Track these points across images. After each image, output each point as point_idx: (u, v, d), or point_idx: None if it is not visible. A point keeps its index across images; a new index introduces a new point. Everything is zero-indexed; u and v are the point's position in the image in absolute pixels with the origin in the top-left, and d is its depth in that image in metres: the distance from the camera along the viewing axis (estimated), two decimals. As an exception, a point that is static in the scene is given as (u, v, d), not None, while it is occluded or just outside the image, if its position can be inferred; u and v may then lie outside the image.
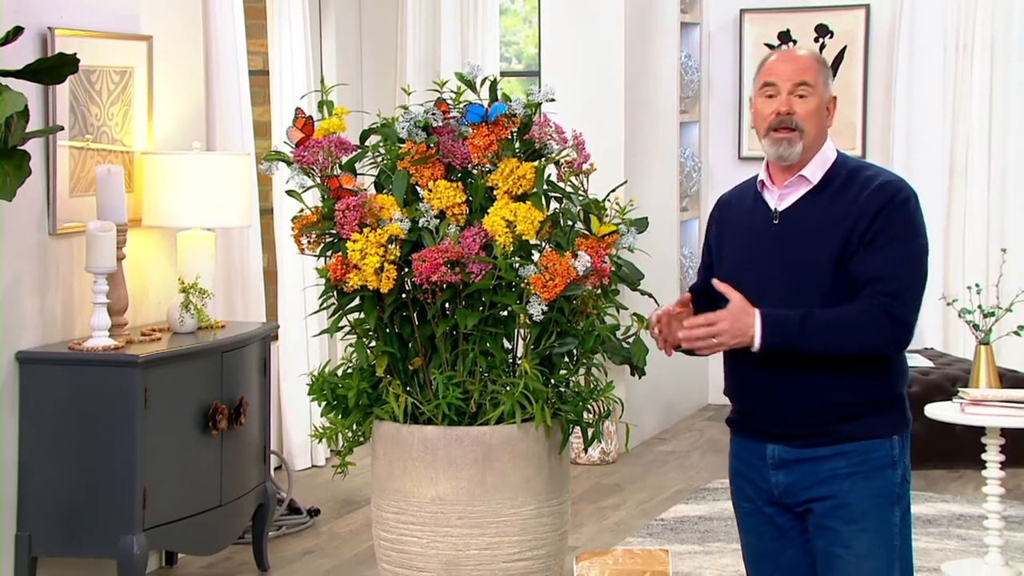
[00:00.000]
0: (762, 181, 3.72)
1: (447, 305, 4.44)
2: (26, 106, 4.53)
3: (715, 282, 3.60)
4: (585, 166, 4.52)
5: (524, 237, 4.38)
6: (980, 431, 5.91)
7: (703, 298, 3.76)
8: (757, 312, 3.52)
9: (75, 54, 4.72)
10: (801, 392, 3.62)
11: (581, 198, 4.53)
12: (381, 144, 4.61)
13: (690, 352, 3.65)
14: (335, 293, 4.49)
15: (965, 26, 8.76)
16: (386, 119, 4.62)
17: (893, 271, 3.54)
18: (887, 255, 3.55)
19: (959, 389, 6.14)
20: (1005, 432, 5.88)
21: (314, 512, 6.90)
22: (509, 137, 4.46)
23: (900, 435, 3.68)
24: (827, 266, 3.58)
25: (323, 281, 4.49)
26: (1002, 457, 5.87)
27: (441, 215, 4.43)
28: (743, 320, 3.52)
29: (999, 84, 8.74)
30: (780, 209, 3.66)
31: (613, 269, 4.48)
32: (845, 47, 9.18)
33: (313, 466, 7.87)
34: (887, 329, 3.54)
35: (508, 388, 4.45)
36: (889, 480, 3.65)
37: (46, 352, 5.39)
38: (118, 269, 5.58)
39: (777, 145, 3.62)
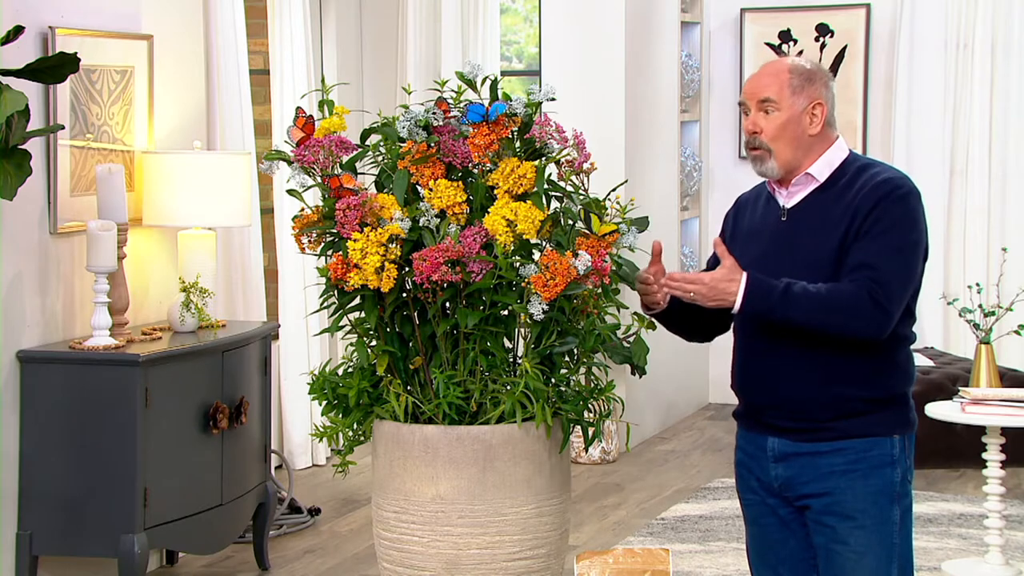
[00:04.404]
0: (770, 180, 3.78)
1: (448, 304, 4.44)
2: (27, 105, 4.54)
3: (716, 240, 3.69)
4: (586, 165, 4.51)
5: (525, 236, 4.38)
6: (981, 430, 5.92)
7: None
8: (744, 277, 3.57)
9: (76, 53, 4.72)
10: (803, 387, 3.66)
11: (582, 197, 4.52)
12: (382, 143, 4.61)
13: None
14: (336, 292, 4.48)
15: (966, 25, 8.76)
16: (387, 118, 4.61)
17: (882, 260, 3.56)
18: (878, 244, 3.58)
19: (960, 388, 6.14)
20: (1005, 431, 5.89)
21: (315, 511, 6.90)
22: (510, 136, 4.46)
23: (901, 435, 3.70)
24: (828, 261, 3.62)
25: (324, 280, 4.49)
26: (1002, 456, 5.88)
27: (442, 214, 4.43)
28: (725, 286, 3.58)
29: (1000, 83, 8.74)
30: (788, 207, 3.72)
31: (614, 268, 4.48)
32: (846, 46, 9.18)
33: (314, 465, 7.88)
34: (868, 312, 3.54)
35: (509, 387, 4.45)
36: (888, 478, 3.67)
37: (47, 351, 5.39)
38: (119, 268, 5.58)
39: (754, 163, 3.73)
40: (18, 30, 4.67)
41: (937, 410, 6.04)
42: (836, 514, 3.66)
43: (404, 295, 4.46)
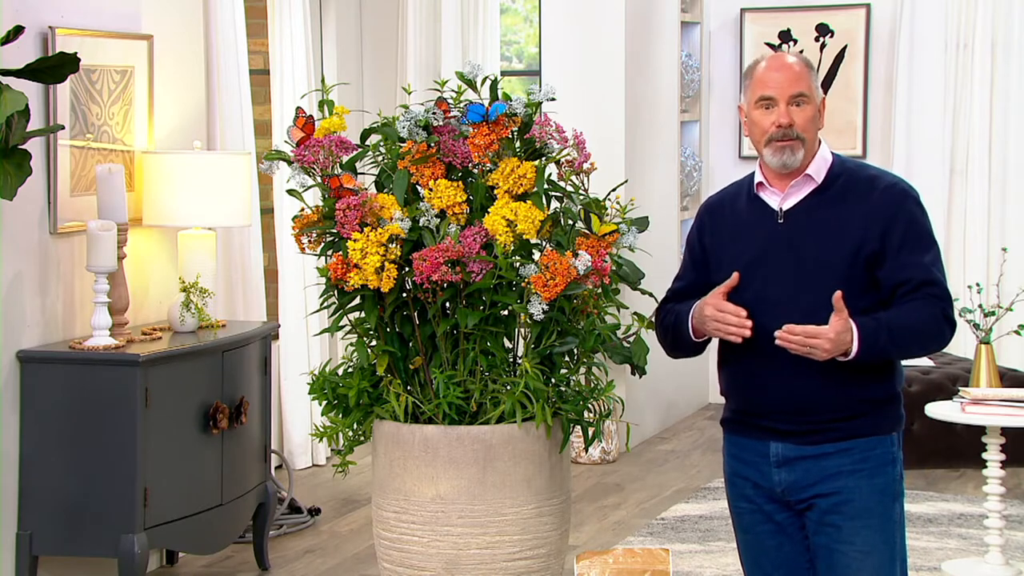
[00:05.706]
0: (760, 182, 3.75)
1: (448, 304, 4.45)
2: (27, 105, 4.54)
3: (837, 296, 3.54)
4: (586, 165, 4.52)
5: (525, 236, 4.38)
6: (981, 430, 5.92)
7: (691, 296, 3.79)
8: (855, 326, 3.56)
9: (76, 53, 4.72)
10: (808, 389, 3.66)
11: (582, 197, 4.53)
12: (382, 143, 4.61)
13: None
14: (336, 292, 4.49)
15: (966, 25, 8.76)
16: (387, 118, 4.62)
17: (937, 275, 3.64)
18: (923, 258, 3.64)
19: (960, 388, 6.14)
20: (1005, 431, 5.89)
21: (315, 511, 6.90)
22: (510, 136, 4.46)
23: (898, 432, 3.75)
24: (840, 264, 3.63)
25: (324, 280, 4.49)
26: (1002, 456, 5.88)
27: (442, 214, 4.43)
28: (845, 338, 3.56)
29: (1000, 83, 8.74)
30: (785, 208, 3.70)
31: (614, 268, 4.48)
32: (846, 46, 9.18)
33: (314, 465, 7.88)
34: (946, 331, 3.65)
35: (509, 387, 4.45)
36: (890, 477, 3.70)
37: (47, 351, 5.39)
38: (119, 268, 5.58)
39: (780, 153, 3.67)
40: (18, 30, 4.67)
41: (937, 410, 6.04)
42: (843, 513, 3.66)
43: (404, 295, 4.46)
